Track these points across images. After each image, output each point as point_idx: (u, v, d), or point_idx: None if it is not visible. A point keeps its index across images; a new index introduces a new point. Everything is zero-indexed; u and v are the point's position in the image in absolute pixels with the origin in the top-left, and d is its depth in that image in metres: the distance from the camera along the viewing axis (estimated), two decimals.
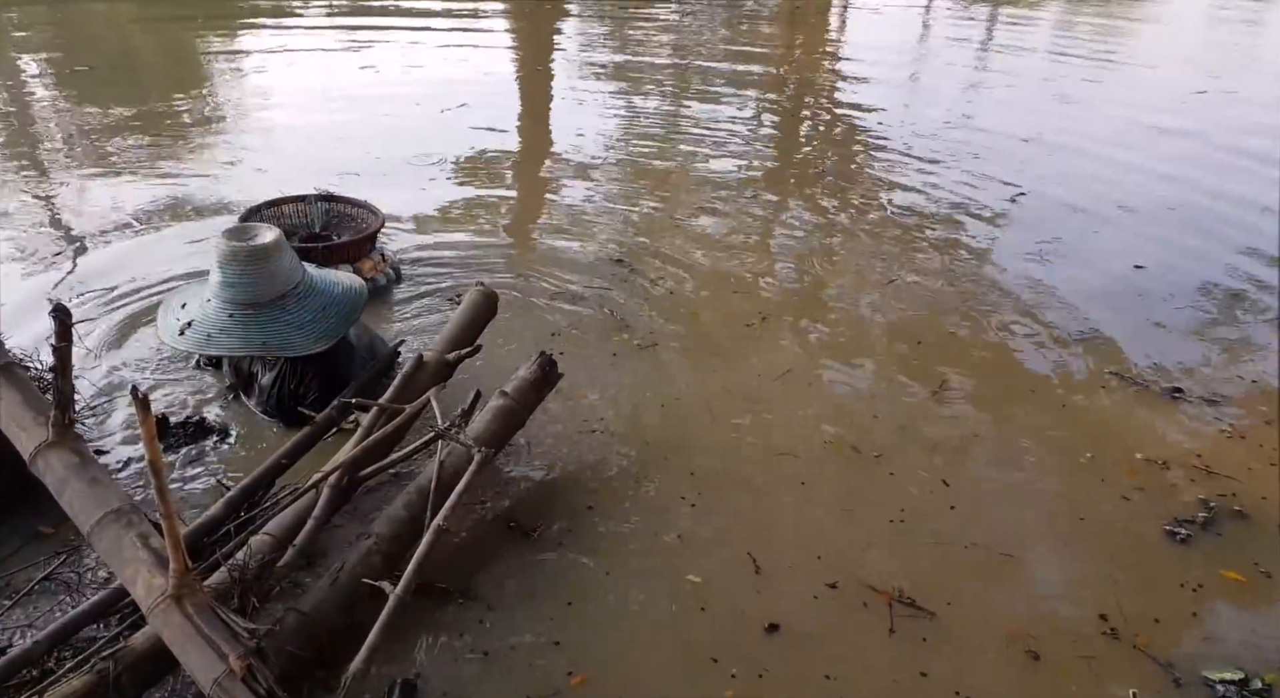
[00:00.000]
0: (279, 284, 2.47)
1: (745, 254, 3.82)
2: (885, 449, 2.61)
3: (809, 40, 8.15)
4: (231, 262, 2.42)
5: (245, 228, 2.53)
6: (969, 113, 6.08)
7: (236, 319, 2.44)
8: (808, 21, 8.89)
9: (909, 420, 2.75)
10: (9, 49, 6.86)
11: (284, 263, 2.49)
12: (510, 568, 2.14)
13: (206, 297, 2.49)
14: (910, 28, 8.89)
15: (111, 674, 1.54)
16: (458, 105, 5.66)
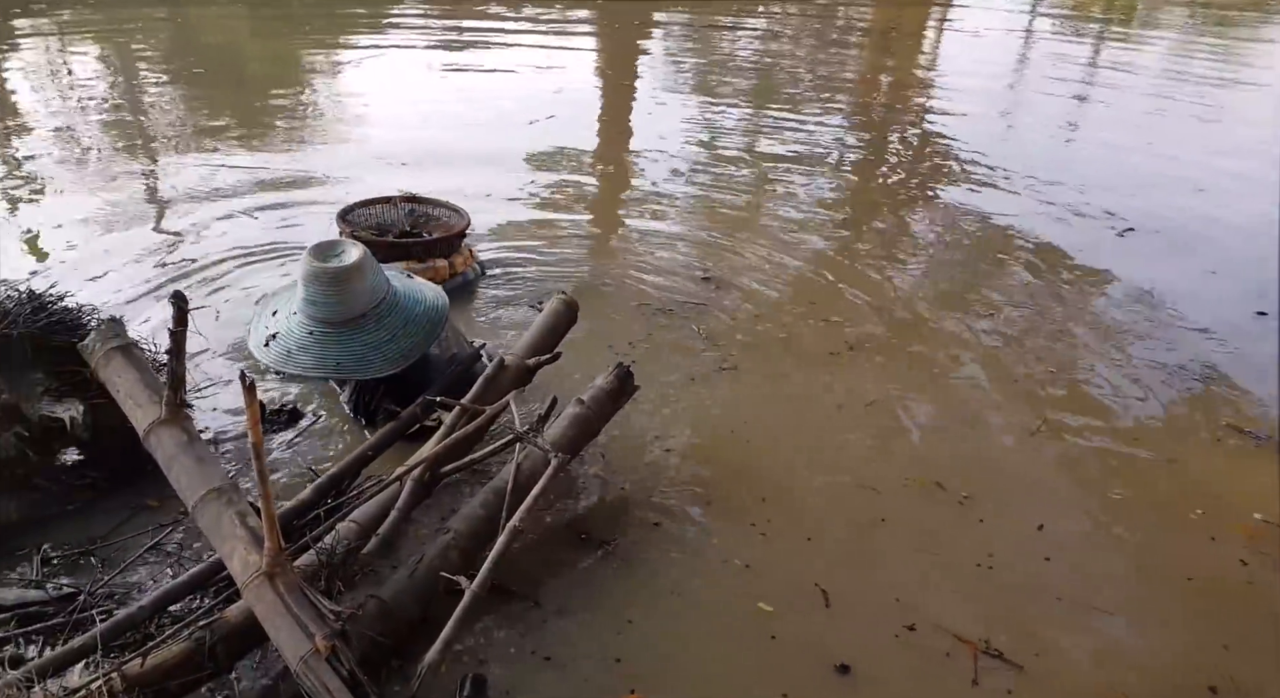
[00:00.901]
0: (361, 304, 2.47)
1: (834, 281, 3.80)
2: (974, 490, 2.54)
3: (900, 61, 8.07)
4: (314, 281, 2.44)
5: (331, 245, 2.51)
6: (1072, 138, 5.95)
7: (316, 336, 2.46)
8: (901, 42, 8.79)
9: (1001, 462, 2.69)
10: (131, 52, 7.28)
11: (366, 283, 2.48)
12: (577, 577, 2.18)
13: (293, 309, 2.51)
14: (1010, 50, 8.71)
15: (207, 643, 1.64)
16: (546, 117, 5.78)
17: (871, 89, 7.16)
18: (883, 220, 4.50)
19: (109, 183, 4.52)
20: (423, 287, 2.72)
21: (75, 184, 4.49)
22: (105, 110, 5.67)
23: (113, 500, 2.33)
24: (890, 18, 9.80)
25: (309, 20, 8.44)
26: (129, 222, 4.08)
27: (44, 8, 8.15)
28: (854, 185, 5.05)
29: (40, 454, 2.26)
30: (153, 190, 4.47)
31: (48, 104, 5.75)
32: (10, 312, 2.26)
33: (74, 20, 7.94)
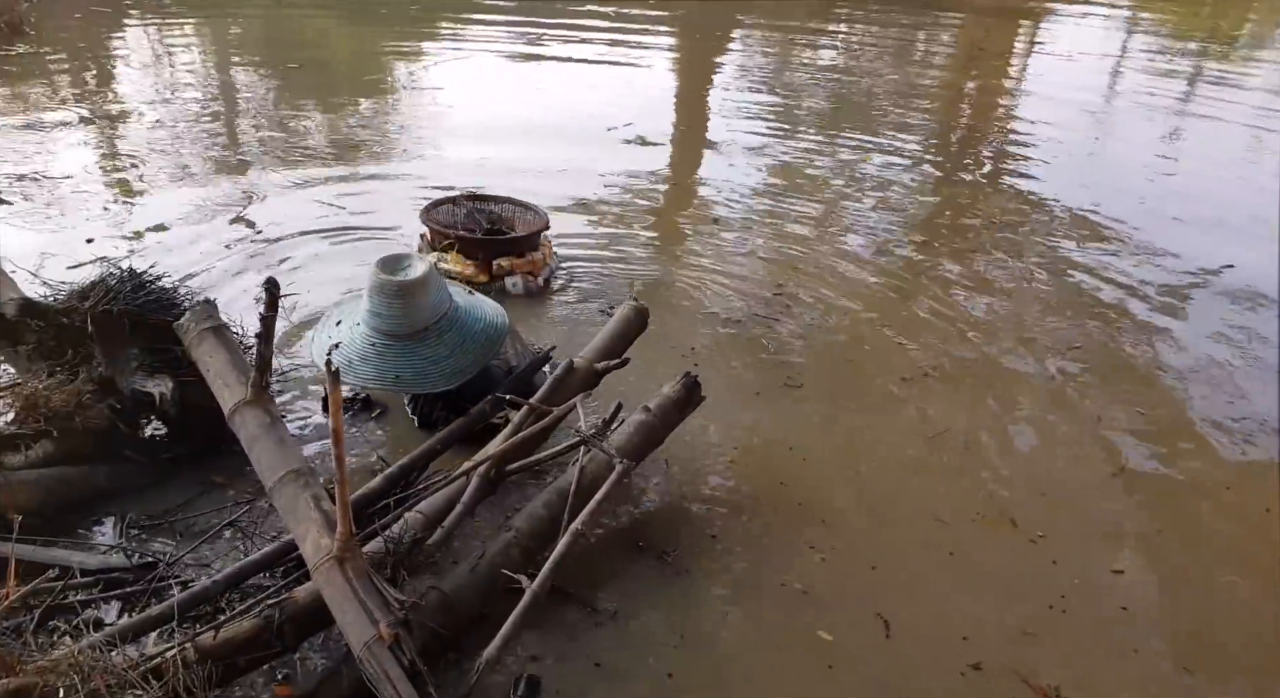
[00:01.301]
0: (423, 318, 2.50)
1: (907, 306, 3.73)
2: (1050, 529, 2.47)
3: (985, 81, 7.90)
4: (380, 293, 2.46)
5: (398, 258, 2.55)
6: (1163, 167, 5.74)
7: (378, 348, 2.48)
8: (986, 62, 8.60)
9: (1080, 501, 2.60)
10: (228, 45, 7.58)
11: (430, 298, 2.50)
12: (634, 586, 2.18)
13: (357, 320, 2.55)
14: (1103, 74, 8.45)
15: (275, 621, 1.68)
16: (624, 124, 5.82)
17: (953, 109, 7.03)
18: (959, 245, 4.40)
19: (199, 167, 4.71)
20: (483, 303, 2.73)
21: (167, 168, 4.69)
22: (199, 99, 5.92)
23: (186, 476, 2.42)
24: (976, 37, 9.60)
25: (397, 20, 8.67)
26: (215, 204, 4.25)
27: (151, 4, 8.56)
28: (930, 207, 4.95)
29: (129, 427, 2.36)
30: (239, 177, 4.64)
31: (146, 92, 6.02)
32: (112, 289, 2.37)
33: (176, 14, 8.30)
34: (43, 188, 4.32)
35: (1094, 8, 11.71)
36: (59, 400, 2.21)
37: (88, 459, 2.28)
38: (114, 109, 5.62)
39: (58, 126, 5.20)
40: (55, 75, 6.23)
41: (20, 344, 2.64)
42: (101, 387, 2.31)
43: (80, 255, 3.67)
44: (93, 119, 5.39)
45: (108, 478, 2.29)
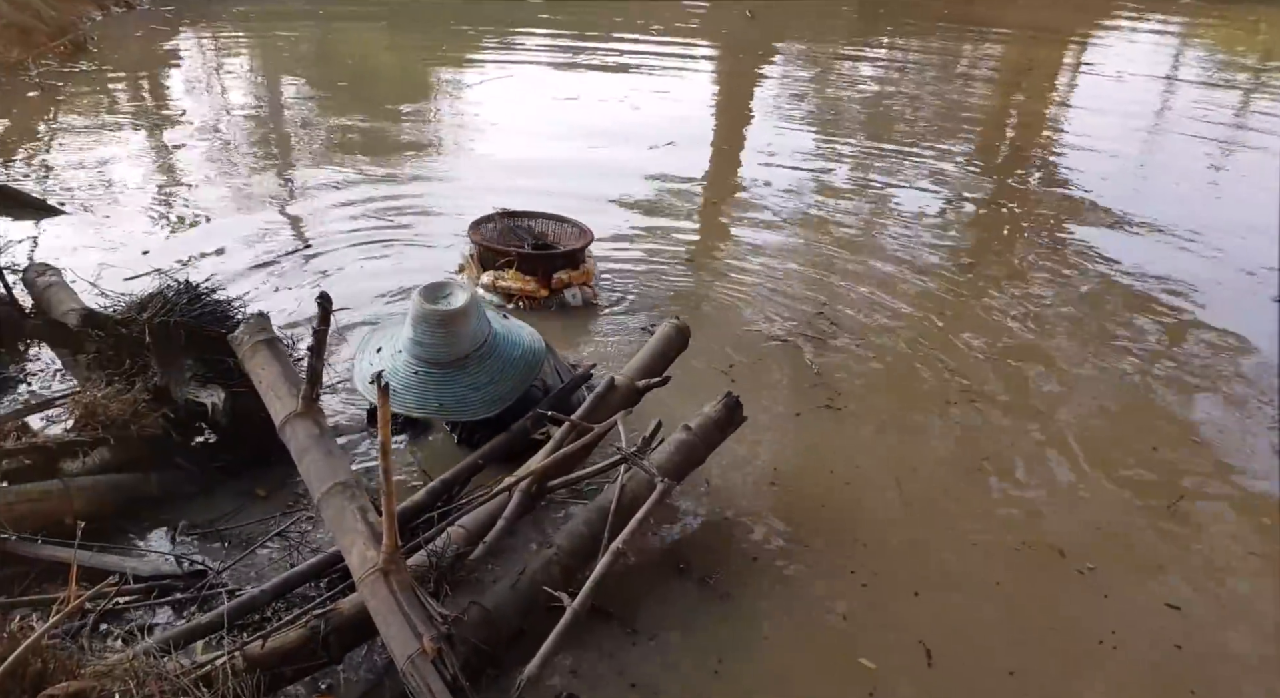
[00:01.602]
0: (464, 346, 2.50)
1: (952, 326, 3.68)
2: (1100, 561, 2.41)
3: (1031, 101, 7.81)
4: (423, 321, 2.46)
5: (440, 287, 2.57)
6: (1213, 190, 5.63)
7: (420, 377, 2.47)
8: (1032, 82, 8.51)
9: (1132, 532, 2.54)
10: (278, 63, 7.77)
11: (471, 326, 2.50)
12: (674, 608, 2.17)
13: (398, 348, 2.56)
14: (1152, 95, 8.31)
15: (321, 632, 1.71)
16: (665, 143, 5.85)
17: (999, 128, 6.96)
18: (1004, 265, 4.35)
19: (248, 180, 4.84)
20: (520, 329, 2.74)
21: (217, 181, 4.81)
22: (250, 113, 6.08)
23: (233, 486, 2.47)
24: (1021, 57, 9.51)
25: (440, 36, 8.83)
26: (262, 216, 4.36)
27: (202, 16, 8.81)
28: (974, 226, 4.90)
29: (181, 436, 2.42)
30: (286, 189, 4.75)
31: (199, 106, 6.19)
32: (169, 301, 2.44)
33: (229, 31, 8.54)
34: (101, 199, 4.46)
35: (1143, 25, 11.55)
36: (116, 409, 2.27)
37: (141, 467, 2.33)
38: (168, 123, 5.78)
39: (115, 141, 5.36)
40: (114, 91, 6.44)
41: (80, 353, 2.73)
42: (156, 396, 2.37)
43: (137, 266, 3.76)
44: (148, 133, 5.55)
45: (159, 486, 2.34)
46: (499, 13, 9.84)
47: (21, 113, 5.65)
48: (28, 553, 2.01)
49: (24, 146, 5.11)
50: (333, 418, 2.76)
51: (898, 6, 11.85)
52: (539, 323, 3.41)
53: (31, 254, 3.80)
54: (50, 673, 1.34)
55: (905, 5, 12.03)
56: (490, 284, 3.60)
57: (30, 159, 4.92)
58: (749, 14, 10.45)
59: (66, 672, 1.36)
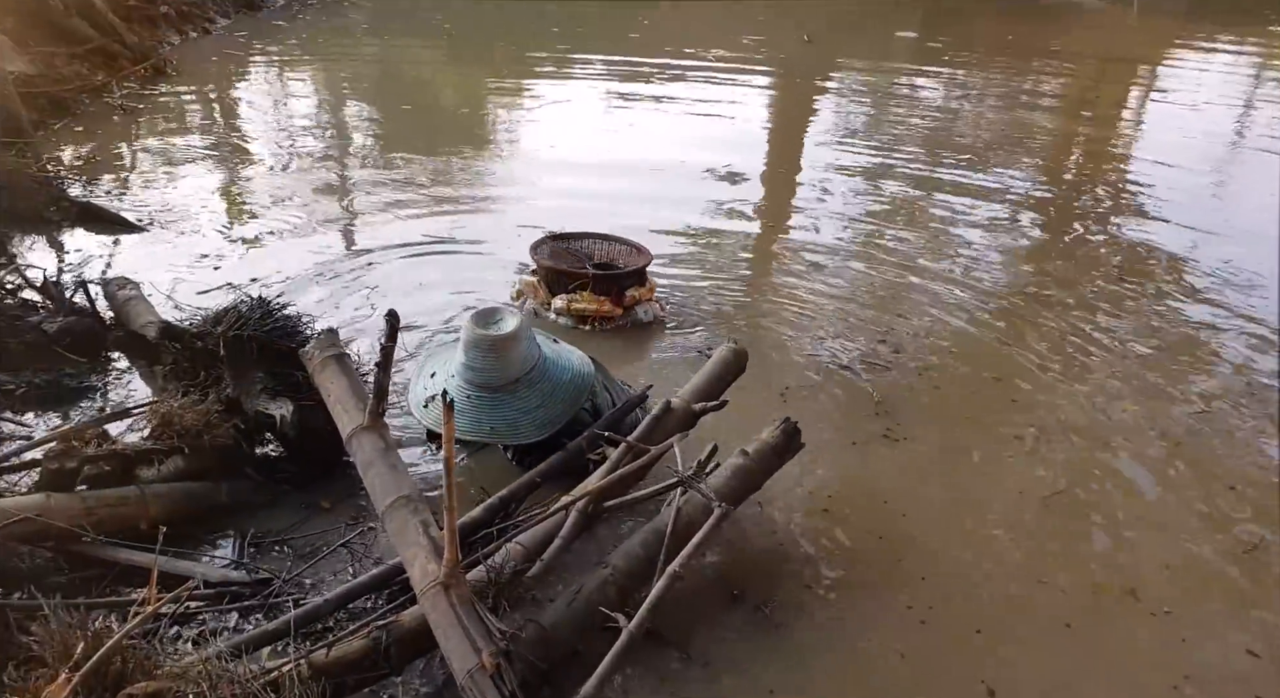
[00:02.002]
0: (515, 370, 2.55)
1: (1023, 357, 3.60)
2: (1176, 604, 2.33)
3: (1098, 129, 7.65)
4: (475, 347, 2.53)
5: (492, 313, 2.63)
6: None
7: (473, 401, 2.53)
8: (1101, 110, 8.35)
9: (1210, 575, 2.45)
10: (343, 88, 8.01)
11: (521, 350, 2.56)
12: (727, 635, 2.16)
13: (451, 372, 2.63)
14: (1227, 125, 8.07)
15: (383, 644, 1.74)
16: (724, 165, 5.88)
17: (1063, 155, 6.85)
18: (1070, 293, 4.24)
19: (311, 201, 4.97)
20: (569, 354, 2.79)
21: (282, 201, 4.96)
22: (314, 136, 6.27)
23: (297, 498, 2.53)
24: (1089, 82, 9.35)
25: (500, 61, 9.03)
26: (325, 236, 4.48)
27: (274, 40, 9.14)
28: (1039, 253, 4.81)
29: (250, 446, 2.50)
30: (347, 209, 4.89)
31: (266, 129, 6.40)
32: (243, 315, 2.53)
33: (297, 56, 8.84)
34: (175, 217, 4.63)
35: (1216, 54, 11.28)
36: (191, 419, 2.35)
37: (212, 476, 2.41)
38: (237, 145, 6.00)
39: (188, 161, 5.57)
40: (189, 114, 6.70)
41: (157, 364, 2.84)
42: (228, 407, 2.45)
43: (208, 282, 3.91)
44: (219, 154, 5.77)
45: (229, 495, 2.42)
46: (557, 37, 10.03)
47: (105, 133, 5.91)
48: (106, 556, 2.09)
49: (106, 165, 5.34)
50: (394, 434, 2.82)
51: (960, 32, 11.76)
52: (595, 344, 3.49)
53: (110, 268, 3.96)
54: (129, 672, 1.40)
55: (968, 31, 11.95)
56: (564, 308, 3.65)
57: (111, 177, 5.14)
58: (807, 39, 10.48)
59: (144, 672, 1.41)
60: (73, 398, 2.91)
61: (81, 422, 2.58)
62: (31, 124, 5.07)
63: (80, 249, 4.17)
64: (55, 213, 4.38)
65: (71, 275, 3.72)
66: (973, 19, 13.02)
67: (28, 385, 2.87)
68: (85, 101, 6.40)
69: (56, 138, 5.68)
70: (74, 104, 6.27)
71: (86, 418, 2.70)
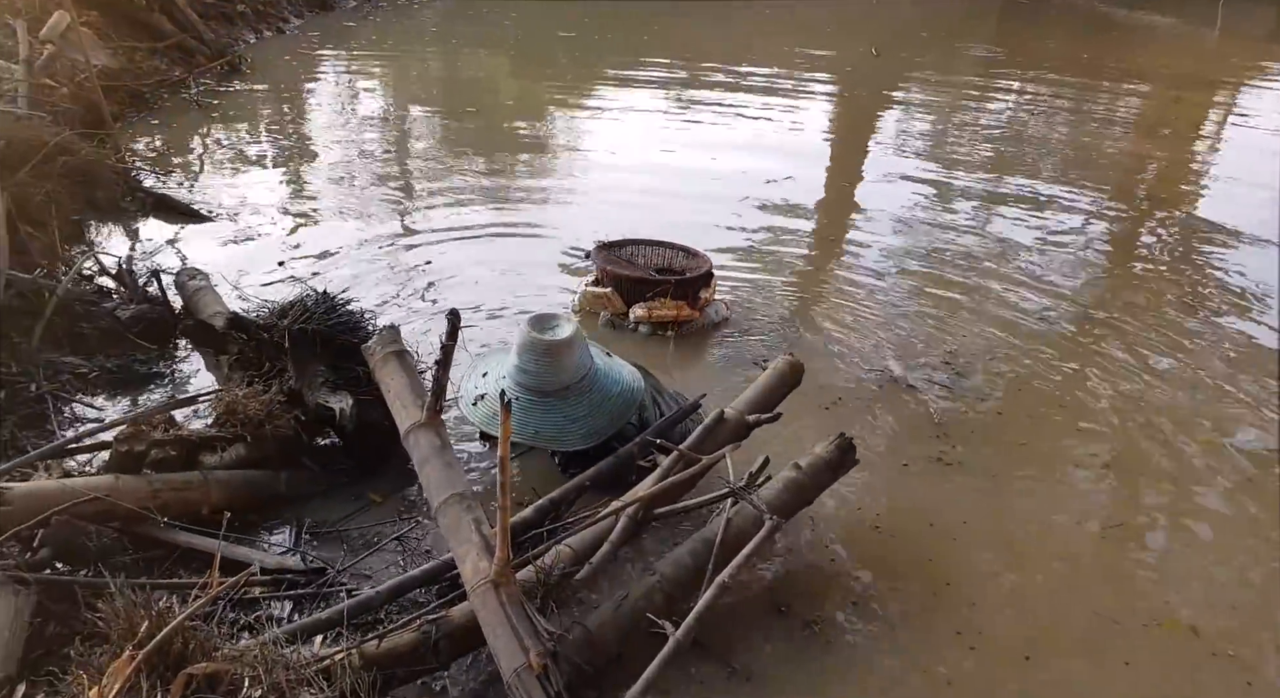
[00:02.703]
0: (566, 377, 2.56)
1: (1080, 385, 3.49)
2: (1241, 645, 2.24)
3: (1172, 151, 7.43)
4: (529, 350, 2.54)
5: (548, 318, 2.64)
6: None
7: (521, 403, 2.54)
8: (1176, 132, 8.10)
9: (1277, 615, 2.36)
10: (408, 90, 8.16)
11: (574, 358, 2.57)
12: (772, 650, 2.14)
13: (502, 373, 2.64)
14: None
15: (433, 638, 1.76)
16: (784, 177, 5.85)
17: (1134, 177, 6.66)
18: (1139, 319, 4.10)
19: (370, 199, 5.07)
20: (621, 368, 2.78)
21: (344, 197, 5.08)
22: (377, 135, 6.40)
23: (349, 490, 2.58)
24: (1165, 103, 9.09)
25: (561, 65, 9.10)
26: (382, 234, 4.56)
27: (345, 41, 9.36)
28: (1107, 276, 4.67)
29: (309, 438, 2.55)
30: (405, 210, 4.97)
31: (332, 127, 6.55)
32: (308, 309, 2.58)
33: (367, 55, 9.04)
34: (242, 210, 4.76)
35: None
36: (254, 408, 2.41)
37: (271, 465, 2.47)
38: (305, 142, 6.15)
39: (256, 156, 5.73)
40: (260, 110, 6.89)
41: (223, 354, 2.92)
42: (290, 399, 2.50)
43: (272, 275, 4.01)
44: (286, 151, 5.92)
45: (287, 484, 2.47)
46: (625, 45, 10.08)
47: (180, 127, 6.11)
48: (168, 538, 2.15)
49: (179, 158, 5.51)
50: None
51: (1032, 49, 11.54)
52: (655, 351, 3.50)
53: (180, 258, 4.08)
54: (190, 653, 1.43)
55: (1040, 48, 11.71)
56: (645, 316, 3.64)
57: (183, 170, 5.31)
58: (875, 52, 10.38)
59: (203, 653, 1.44)
60: (141, 383, 3.00)
61: (150, 407, 2.66)
62: (111, 116, 5.25)
63: (152, 239, 4.31)
64: (131, 203, 4.54)
65: (144, 264, 3.85)
66: (1046, 35, 12.76)
67: (100, 369, 2.97)
68: (163, 96, 6.62)
69: (134, 130, 5.88)
70: (152, 98, 6.49)
71: (155, 403, 2.79)
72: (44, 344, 2.97)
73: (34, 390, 2.76)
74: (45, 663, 1.76)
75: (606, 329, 3.70)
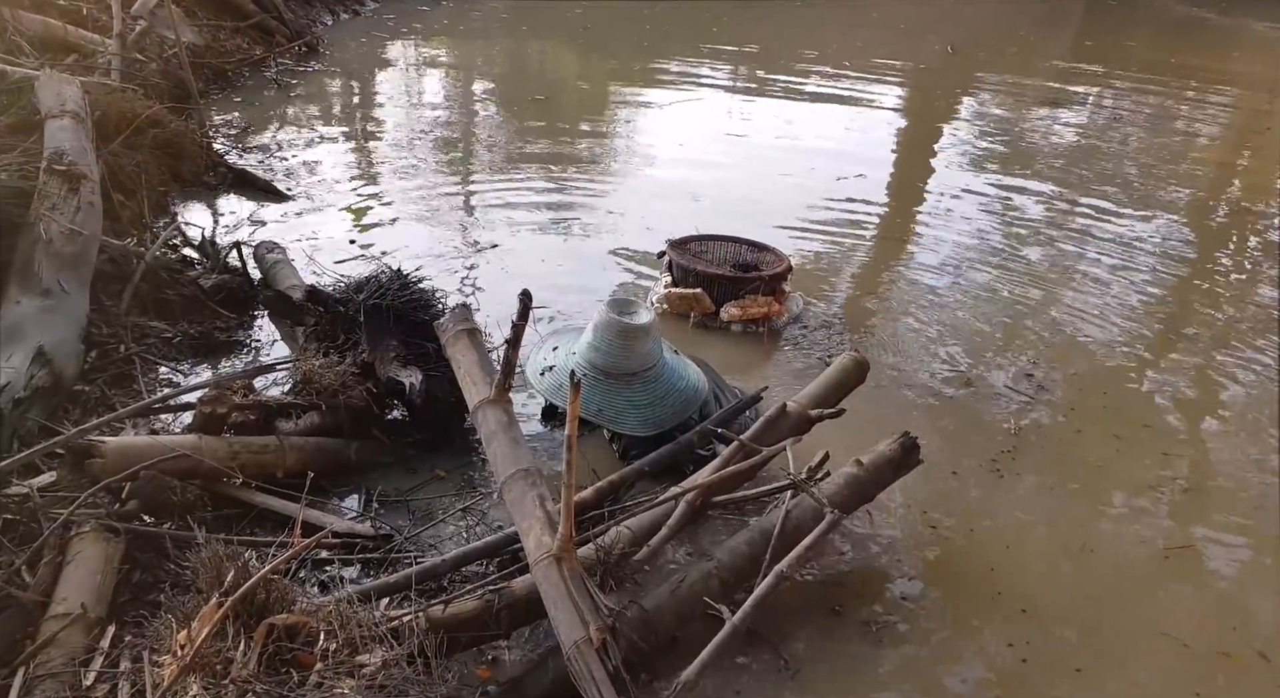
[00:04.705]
0: (636, 363, 2.62)
1: (1153, 401, 3.40)
2: None
3: (1261, 165, 7.15)
4: (605, 330, 2.61)
5: (628, 303, 2.70)
6: None
7: (589, 380, 2.60)
8: (1267, 142, 7.78)
9: None
10: (477, 75, 8.26)
11: (647, 346, 2.63)
12: (823, 645, 2.15)
13: (573, 350, 2.71)
14: None
15: (495, 606, 1.81)
16: (856, 174, 5.80)
17: (1218, 187, 6.43)
18: (1218, 340, 3.95)
19: (436, 181, 5.17)
20: (687, 367, 2.82)
21: (410, 178, 5.18)
22: (444, 120, 6.51)
23: (414, 462, 2.65)
24: (1257, 112, 8.72)
25: (635, 57, 9.12)
26: (446, 216, 4.65)
27: (418, 25, 9.52)
28: (1183, 290, 4.51)
29: (380, 409, 2.62)
30: (468, 193, 5.06)
31: (402, 109, 6.68)
32: (383, 285, 2.66)
33: (440, 39, 9.18)
34: (317, 188, 4.89)
35: None
36: (329, 379, 2.49)
37: (343, 434, 2.55)
38: (377, 123, 6.28)
39: (330, 136, 5.88)
40: (335, 90, 7.07)
41: (299, 325, 3.02)
42: (363, 371, 2.58)
43: (344, 250, 4.12)
44: (357, 131, 6.06)
45: (356, 453, 2.55)
46: (691, 35, 10.06)
47: (260, 105, 6.29)
48: (245, 498, 2.24)
49: (258, 135, 5.68)
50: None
51: (1116, 51, 11.19)
52: (745, 351, 3.52)
53: (257, 231, 4.22)
54: (271, 604, 1.50)
55: (1124, 50, 11.36)
56: (739, 315, 3.62)
57: (261, 147, 5.47)
58: (951, 50, 10.18)
59: (283, 605, 1.51)
60: (221, 350, 3.12)
61: (233, 372, 2.77)
62: (197, 92, 5.43)
63: (234, 212, 4.46)
64: (213, 177, 4.70)
65: (225, 236, 3.99)
66: (1131, 37, 12.37)
67: (182, 335, 3.10)
68: (244, 74, 6.82)
69: (216, 107, 6.08)
70: (234, 76, 6.70)
71: (235, 369, 2.90)
72: (132, 308, 3.10)
73: (122, 352, 2.89)
74: (131, 608, 1.86)
75: (698, 330, 3.65)
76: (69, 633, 1.70)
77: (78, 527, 1.90)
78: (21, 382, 2.37)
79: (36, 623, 1.74)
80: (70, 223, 2.90)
